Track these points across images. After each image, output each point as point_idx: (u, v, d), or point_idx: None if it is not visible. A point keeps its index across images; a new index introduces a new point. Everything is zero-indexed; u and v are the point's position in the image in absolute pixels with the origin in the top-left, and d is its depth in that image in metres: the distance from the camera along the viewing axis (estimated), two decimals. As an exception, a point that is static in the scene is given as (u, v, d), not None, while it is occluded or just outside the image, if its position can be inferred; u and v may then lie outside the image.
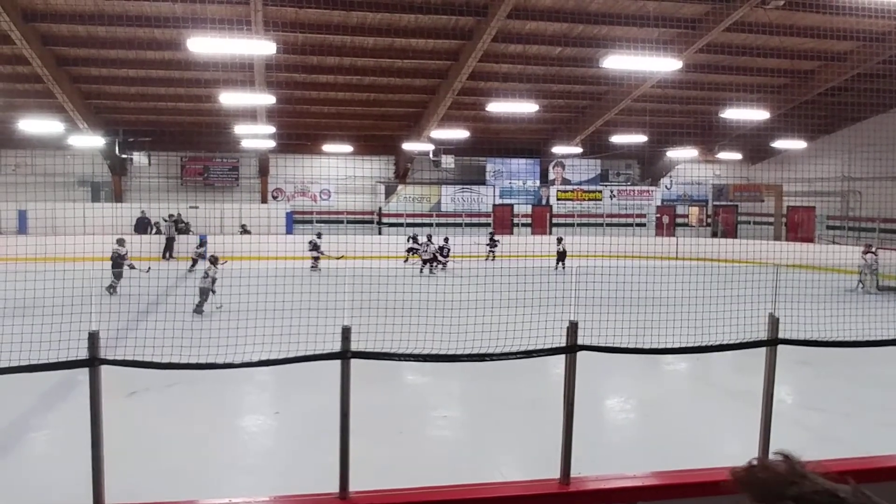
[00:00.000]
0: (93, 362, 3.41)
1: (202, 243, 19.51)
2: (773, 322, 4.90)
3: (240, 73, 16.31)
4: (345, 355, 3.73)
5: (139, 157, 23.18)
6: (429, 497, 3.87)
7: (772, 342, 4.87)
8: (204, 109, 20.26)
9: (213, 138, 22.50)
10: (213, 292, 11.94)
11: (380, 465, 5.35)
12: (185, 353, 4.45)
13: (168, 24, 14.46)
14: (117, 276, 14.22)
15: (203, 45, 11.30)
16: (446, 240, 20.66)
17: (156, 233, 22.78)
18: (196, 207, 23.60)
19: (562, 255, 20.32)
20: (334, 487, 3.78)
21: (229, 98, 16.36)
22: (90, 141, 21.20)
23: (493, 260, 21.30)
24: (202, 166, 25.30)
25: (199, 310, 11.60)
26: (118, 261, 14.76)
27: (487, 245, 22.48)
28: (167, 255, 21.76)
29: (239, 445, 6.60)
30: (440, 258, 19.70)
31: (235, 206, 24.10)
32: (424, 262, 19.57)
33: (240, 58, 14.62)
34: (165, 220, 22.68)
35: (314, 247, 19.40)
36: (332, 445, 3.75)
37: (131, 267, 14.52)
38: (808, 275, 14.50)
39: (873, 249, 16.65)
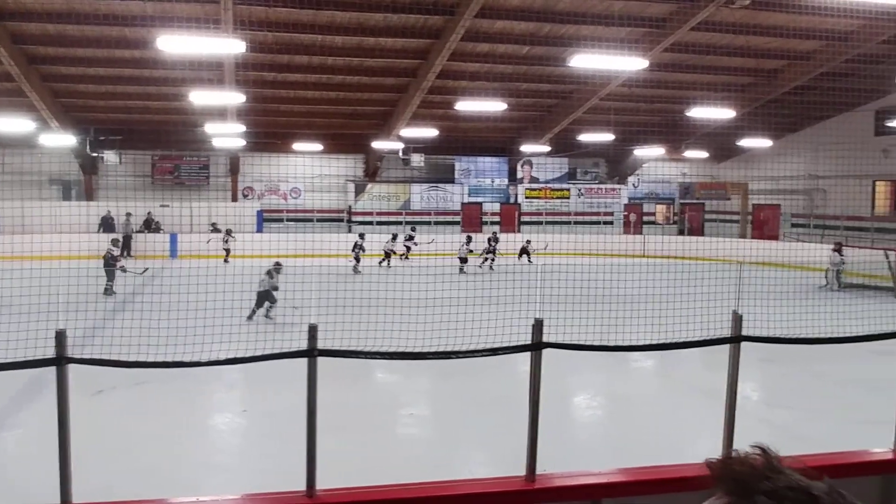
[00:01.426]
0: (59, 361, 3.37)
1: (229, 232, 20.52)
2: (737, 319, 4.98)
3: (210, 71, 16.12)
4: (311, 353, 3.71)
5: (110, 156, 22.86)
6: (395, 495, 3.87)
7: (735, 339, 4.95)
8: (174, 108, 20.01)
9: (183, 137, 22.28)
10: (273, 301, 10.95)
11: (348, 462, 5.33)
12: (152, 352, 4.40)
13: (138, 23, 14.27)
14: (110, 276, 14.09)
15: (173, 43, 11.15)
16: (413, 229, 20.85)
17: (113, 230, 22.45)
18: (167, 206, 23.27)
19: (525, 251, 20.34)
20: (302, 486, 3.77)
21: (199, 97, 16.16)
22: (61, 139, 20.89)
23: (490, 266, 20.05)
24: (173, 165, 25.00)
25: (267, 314, 10.55)
26: (111, 262, 14.63)
27: (488, 251, 20.65)
28: (124, 253, 21.45)
29: (208, 444, 6.54)
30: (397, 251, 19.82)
31: (206, 204, 23.78)
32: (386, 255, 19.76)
33: (209, 56, 14.46)
34: (125, 218, 22.39)
35: (357, 247, 19.54)
36: (300, 444, 3.73)
37: (123, 270, 14.39)
38: (773, 272, 14.86)
39: (841, 248, 16.99)
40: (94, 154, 22.57)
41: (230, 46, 12.25)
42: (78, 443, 3.40)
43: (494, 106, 18.16)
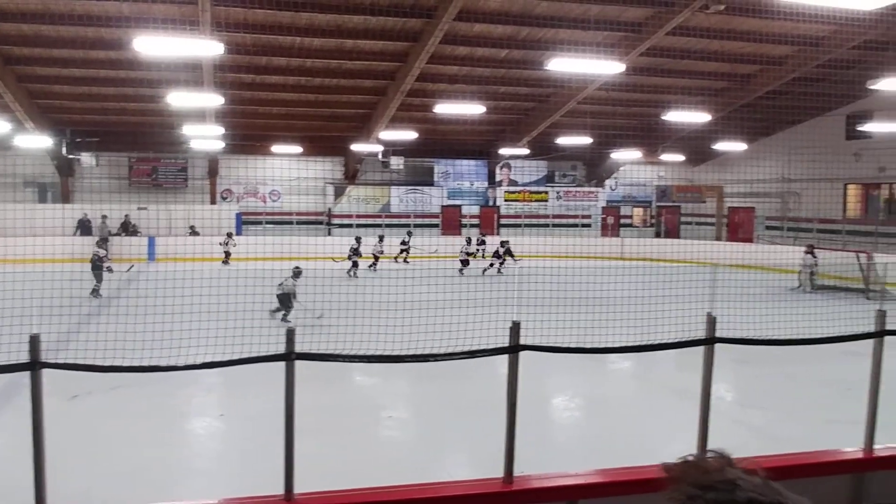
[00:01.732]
0: (34, 366, 3.34)
1: (230, 235, 20.56)
2: (711, 321, 5.07)
3: (188, 73, 15.99)
4: (289, 357, 3.71)
5: (87, 158, 22.60)
6: (373, 498, 3.88)
7: (709, 341, 5.03)
8: (152, 110, 19.83)
9: (161, 139, 22.06)
10: (290, 307, 11.07)
11: (327, 466, 5.32)
12: (129, 356, 4.36)
13: (114, 24, 14.11)
14: (98, 277, 14.02)
15: (150, 45, 11.03)
16: (409, 233, 20.96)
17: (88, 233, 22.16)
18: (144, 209, 23.02)
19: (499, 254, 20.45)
20: (281, 489, 3.76)
21: (177, 98, 16.01)
22: (37, 141, 20.56)
23: (499, 270, 19.76)
24: (150, 167, 24.74)
25: (284, 318, 10.79)
26: (97, 263, 14.52)
27: (500, 257, 20.07)
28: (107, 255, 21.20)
29: (186, 448, 6.48)
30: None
31: (184, 207, 23.56)
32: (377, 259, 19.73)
33: (187, 58, 14.34)
34: (101, 221, 22.11)
35: (353, 251, 19.53)
36: (278, 447, 3.73)
37: (110, 270, 14.27)
38: (748, 274, 15.07)
39: (813, 250, 17.31)
40: (71, 156, 22.28)
41: (208, 48, 12.16)
42: (53, 448, 3.38)
43: (473, 109, 18.24)
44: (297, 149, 23.72)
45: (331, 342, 4.68)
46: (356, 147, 23.53)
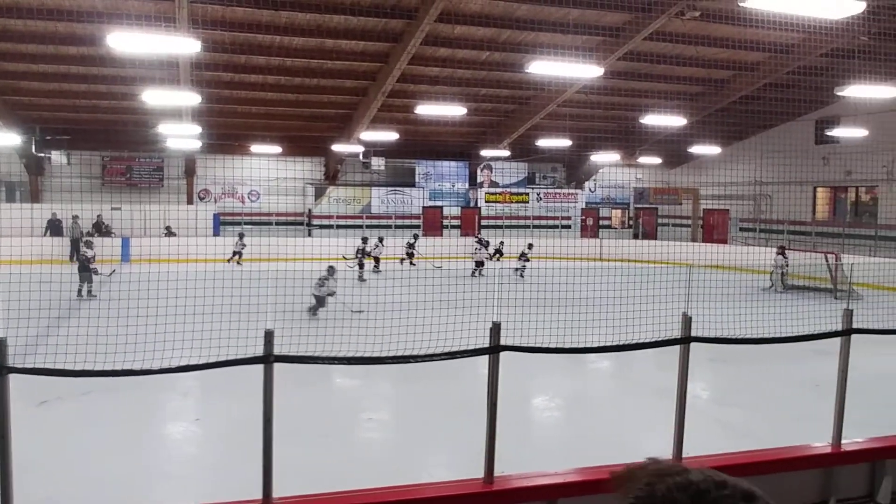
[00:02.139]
0: (0, 371, 3.28)
1: (241, 235, 20.52)
2: (686, 321, 5.16)
3: (164, 71, 15.78)
4: (268, 359, 3.70)
5: (58, 157, 22.13)
6: (352, 500, 3.89)
7: (684, 340, 5.12)
8: (126, 108, 19.50)
9: (136, 137, 21.71)
10: (325, 306, 11.65)
11: (307, 469, 5.31)
12: (100, 360, 4.30)
13: (88, 19, 13.84)
14: (87, 279, 14.00)
15: (124, 41, 10.85)
16: (416, 236, 20.93)
17: (59, 234, 21.80)
18: (118, 209, 22.65)
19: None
20: (259, 494, 3.75)
21: (153, 97, 15.73)
22: (5, 139, 20.10)
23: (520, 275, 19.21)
24: (125, 166, 24.33)
25: (313, 313, 11.25)
26: (85, 264, 14.44)
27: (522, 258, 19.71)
28: (74, 257, 20.92)
29: (161, 454, 6.40)
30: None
31: (160, 207, 23.24)
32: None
33: (163, 56, 14.16)
34: (72, 221, 21.71)
35: (361, 252, 19.54)
36: (257, 451, 3.71)
37: (96, 272, 14.16)
38: (722, 275, 15.28)
39: (784, 251, 17.65)
40: (41, 154, 21.81)
41: (185, 46, 12.01)
42: (20, 455, 3.32)
43: (454, 110, 18.25)
44: (277, 149, 23.54)
45: (310, 344, 4.67)
46: (337, 147, 23.42)
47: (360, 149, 23.52)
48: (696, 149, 24.06)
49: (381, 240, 20.33)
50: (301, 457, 5.65)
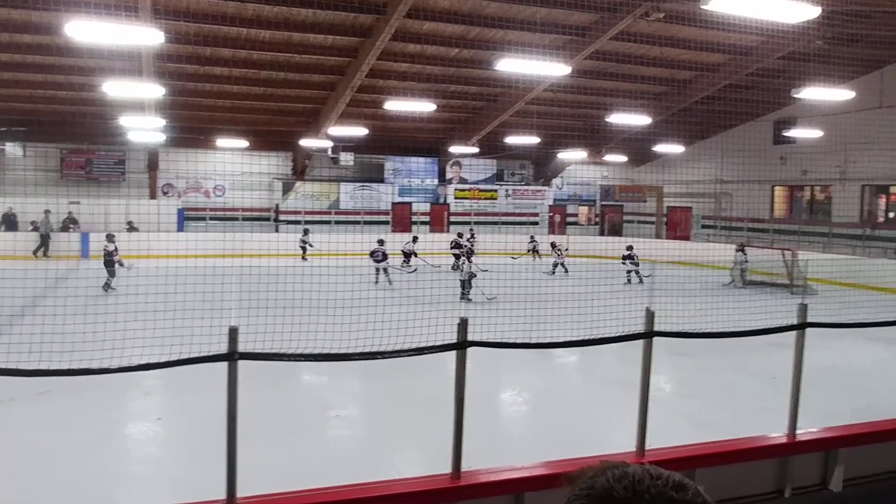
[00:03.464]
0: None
1: (306, 232, 20.64)
2: (649, 315, 5.26)
3: (126, 62, 15.38)
4: (232, 357, 3.67)
5: (13, 149, 21.51)
6: (318, 499, 3.87)
7: (647, 335, 5.23)
8: (86, 99, 19.01)
9: (96, 130, 21.10)
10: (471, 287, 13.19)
11: (272, 468, 5.27)
12: (56, 359, 4.19)
13: (44, 7, 13.39)
14: (112, 273, 14.09)
15: (84, 30, 10.54)
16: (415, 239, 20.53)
17: (32, 229, 21.18)
18: (77, 203, 22.08)
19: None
20: (223, 494, 3.72)
21: (114, 88, 15.30)
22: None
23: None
24: (84, 159, 23.71)
25: (466, 297, 13.02)
26: (108, 258, 14.49)
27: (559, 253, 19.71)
28: (39, 252, 20.37)
29: (122, 455, 6.27)
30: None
31: (122, 201, 22.72)
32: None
33: (125, 46, 13.81)
34: (43, 216, 21.19)
35: (456, 245, 19.51)
36: (221, 450, 3.68)
37: (120, 264, 14.25)
38: (685, 271, 15.61)
39: (744, 248, 18.08)
40: (-6, 146, 21.16)
41: (147, 36, 11.73)
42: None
43: (423, 106, 18.23)
44: (243, 143, 23.19)
45: (277, 341, 4.64)
46: (305, 142, 23.20)
47: (328, 144, 23.35)
48: (661, 147, 24.49)
49: (414, 239, 20.30)
50: (267, 455, 5.61)
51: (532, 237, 22.62)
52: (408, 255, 19.61)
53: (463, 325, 4.29)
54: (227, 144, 23.20)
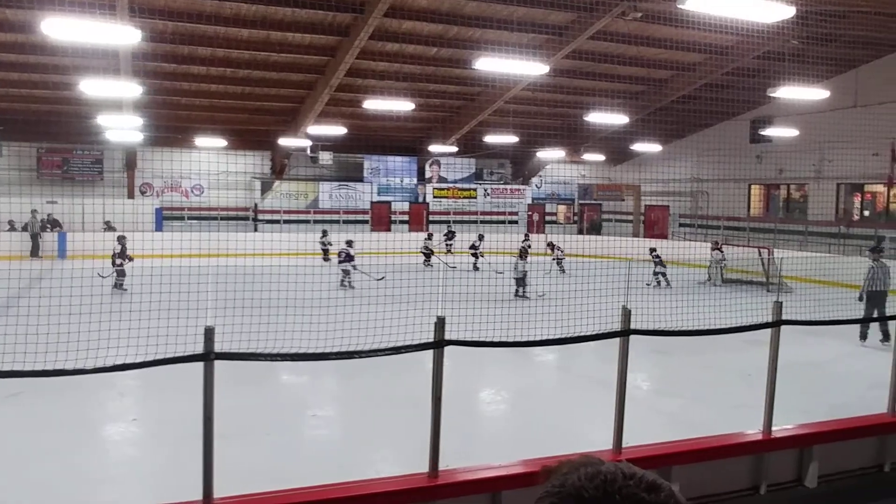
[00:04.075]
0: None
1: (325, 233, 20.51)
2: (626, 314, 5.31)
3: (103, 60, 15.17)
4: (208, 357, 3.65)
5: (-13, 148, 21.13)
6: (295, 498, 3.86)
7: (624, 333, 5.28)
8: (63, 98, 18.74)
9: (73, 129, 20.84)
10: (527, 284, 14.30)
11: (249, 468, 5.24)
12: (30, 360, 4.12)
13: (19, 4, 13.18)
14: (120, 273, 14.07)
15: (60, 28, 10.38)
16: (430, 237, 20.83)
17: (9, 229, 20.85)
18: (54, 202, 21.76)
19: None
20: (200, 495, 3.69)
21: (91, 87, 15.07)
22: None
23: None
24: (61, 159, 23.37)
25: (523, 295, 14.14)
26: (113, 259, 14.48)
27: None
28: (38, 251, 20.24)
29: (99, 456, 6.19)
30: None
31: (99, 201, 22.40)
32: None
33: (103, 44, 13.61)
34: (31, 215, 20.97)
35: (472, 247, 19.75)
36: (198, 451, 3.65)
37: (130, 259, 14.26)
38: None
39: (720, 246, 18.28)
40: (-32, 144, 20.84)
41: (125, 35, 11.59)
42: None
43: (403, 105, 18.22)
44: (222, 142, 22.99)
45: (254, 341, 4.61)
46: (284, 141, 23.06)
47: (307, 143, 23.26)
48: (638, 146, 24.69)
49: (480, 237, 20.62)
50: (244, 455, 5.58)
51: (526, 235, 22.60)
52: (427, 254, 20.07)
53: (440, 324, 4.30)
54: (206, 143, 23.00)
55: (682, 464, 5.16)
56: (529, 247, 21.70)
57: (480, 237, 21.32)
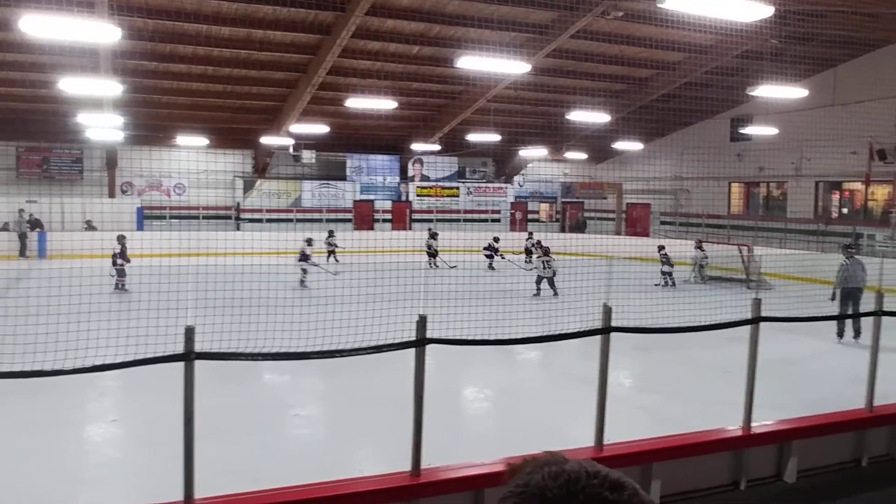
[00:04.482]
0: None
1: (331, 233, 20.15)
2: (607, 311, 5.35)
3: (83, 58, 14.98)
4: (188, 357, 3.63)
5: (-33, 147, 20.80)
6: (277, 498, 3.85)
7: (605, 330, 5.32)
8: (43, 96, 18.50)
9: (53, 127, 20.60)
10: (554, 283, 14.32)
11: (231, 468, 5.22)
12: (7, 360, 4.08)
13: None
14: (119, 273, 13.99)
15: (38, 26, 10.22)
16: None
17: (1, 229, 20.61)
18: (34, 201, 21.47)
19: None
20: (181, 495, 3.67)
21: (71, 85, 14.85)
22: None
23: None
24: (41, 158, 23.04)
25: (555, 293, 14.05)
26: (114, 259, 14.40)
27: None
28: (25, 251, 19.99)
29: (79, 457, 6.13)
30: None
31: (80, 200, 22.14)
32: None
33: (82, 42, 13.43)
34: (17, 215, 20.72)
35: (491, 248, 19.64)
36: (179, 451, 3.63)
37: (127, 261, 14.26)
38: (644, 266, 15.85)
39: (702, 245, 18.43)
40: (-54, 144, 20.51)
41: (105, 32, 11.44)
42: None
43: (385, 104, 18.18)
44: (204, 141, 22.79)
45: (236, 340, 4.58)
46: (266, 140, 22.93)
47: (289, 141, 23.14)
48: (620, 145, 24.83)
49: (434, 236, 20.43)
50: (225, 455, 5.55)
51: (531, 234, 22.63)
52: (432, 254, 20.08)
53: (422, 322, 4.31)
54: (188, 142, 22.80)
55: (663, 460, 5.21)
56: (539, 245, 21.77)
57: (496, 239, 21.19)
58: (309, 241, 16.50)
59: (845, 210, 22.95)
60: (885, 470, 6.18)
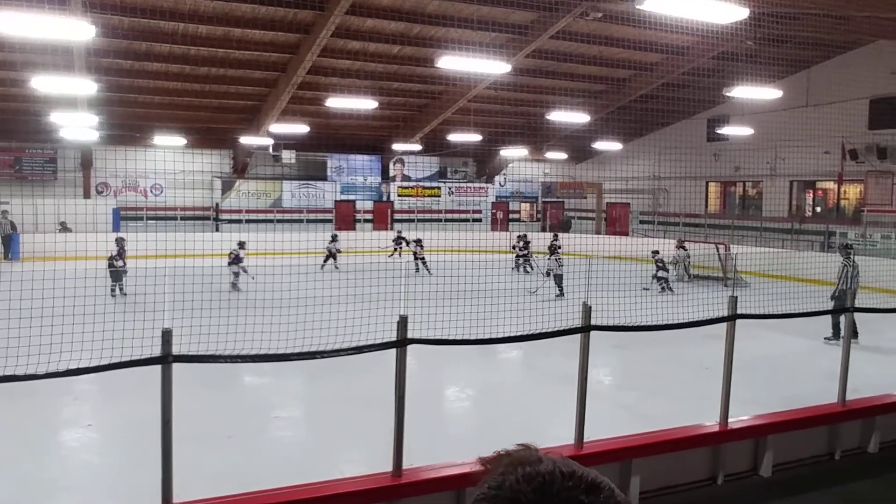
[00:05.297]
0: None
1: (334, 238, 19.82)
2: (586, 310, 5.40)
3: (56, 56, 14.68)
4: (165, 360, 3.59)
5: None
6: (258, 501, 3.83)
7: (585, 329, 5.36)
8: (14, 95, 18.12)
9: (25, 127, 20.25)
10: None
11: (210, 472, 5.17)
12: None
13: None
14: (115, 277, 13.56)
15: (8, 23, 10.01)
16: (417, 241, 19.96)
17: None
18: (6, 203, 21.07)
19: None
20: (159, 500, 3.64)
21: (44, 83, 14.56)
22: None
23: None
24: (13, 158, 22.62)
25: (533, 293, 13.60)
26: (111, 261, 14.04)
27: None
28: (8, 254, 19.60)
29: (55, 462, 6.03)
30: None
31: (54, 201, 21.75)
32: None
33: (55, 40, 13.20)
34: (0, 216, 20.33)
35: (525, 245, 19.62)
36: (157, 455, 3.59)
37: (120, 267, 13.80)
38: (624, 265, 15.94)
39: (684, 244, 18.62)
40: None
41: (78, 30, 11.26)
42: None
43: (366, 104, 18.13)
44: (182, 140, 22.52)
45: (215, 343, 4.54)
46: (245, 140, 22.72)
47: (269, 141, 22.97)
48: (600, 145, 25.03)
49: (416, 241, 19.81)
50: (204, 459, 5.50)
51: (525, 235, 22.51)
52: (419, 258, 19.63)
53: (403, 322, 4.31)
54: (165, 142, 22.49)
55: (643, 456, 5.27)
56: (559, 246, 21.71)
57: (525, 239, 20.93)
58: (241, 244, 15.87)
59: (819, 209, 23.35)
60: (858, 462, 6.30)
